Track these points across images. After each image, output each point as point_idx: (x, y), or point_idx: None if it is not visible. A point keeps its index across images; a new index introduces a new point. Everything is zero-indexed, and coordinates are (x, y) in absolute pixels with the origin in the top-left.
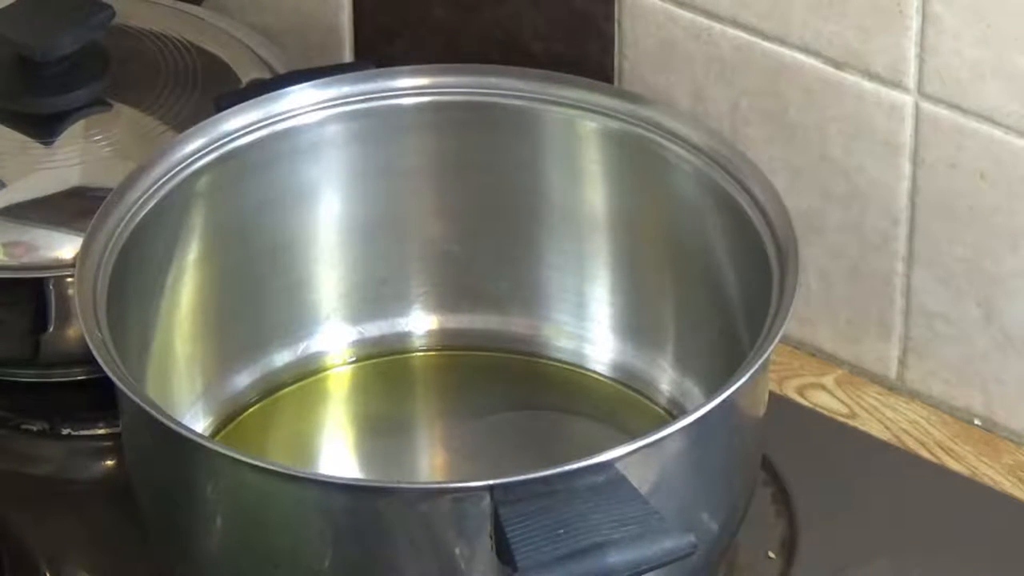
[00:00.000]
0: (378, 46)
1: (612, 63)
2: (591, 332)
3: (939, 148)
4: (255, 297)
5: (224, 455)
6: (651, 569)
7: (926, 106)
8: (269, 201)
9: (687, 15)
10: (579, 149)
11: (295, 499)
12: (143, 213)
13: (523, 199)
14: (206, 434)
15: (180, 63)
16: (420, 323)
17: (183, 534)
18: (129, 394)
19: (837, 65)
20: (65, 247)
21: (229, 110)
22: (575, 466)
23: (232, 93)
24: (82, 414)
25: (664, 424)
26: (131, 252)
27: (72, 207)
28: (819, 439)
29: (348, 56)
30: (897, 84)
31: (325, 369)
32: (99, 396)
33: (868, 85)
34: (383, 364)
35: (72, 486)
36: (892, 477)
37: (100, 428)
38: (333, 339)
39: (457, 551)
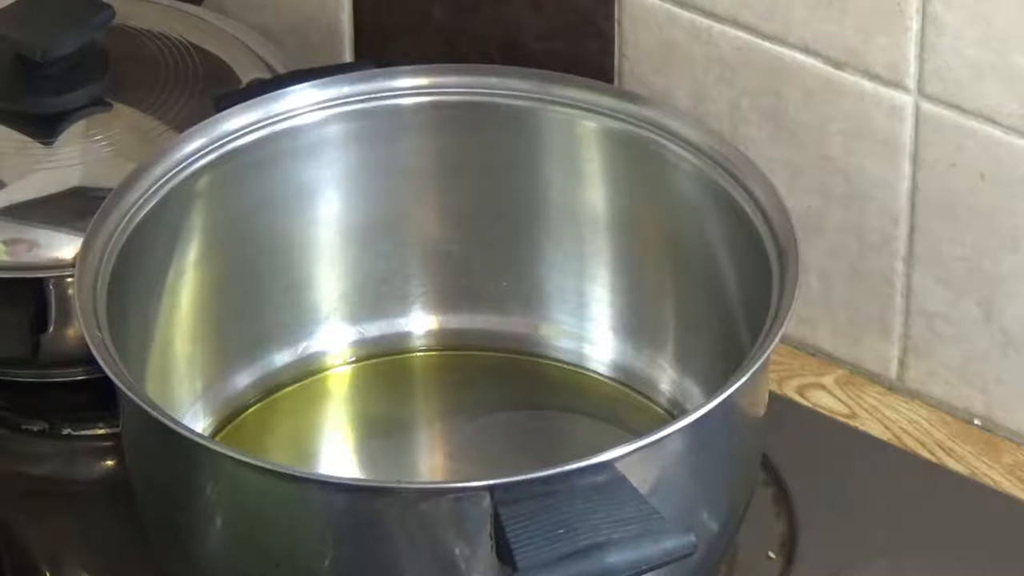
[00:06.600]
0: (378, 46)
1: (612, 63)
2: (591, 332)
3: (939, 148)
4: (255, 297)
5: (224, 455)
6: (651, 569)
7: (926, 106)
8: (269, 201)
9: (687, 15)
10: (579, 149)
11: (295, 499)
12: (143, 213)
13: (523, 199)
14: (206, 434)
15: (180, 63)
16: (420, 323)
17: (183, 534)
18: (129, 394)
19: (837, 65)
20: (65, 247)
21: (229, 110)
22: (575, 466)
23: (232, 93)
24: (82, 414)
25: (664, 424)
26: (131, 252)
27: (72, 207)
28: (819, 439)
29: (348, 56)
30: (897, 84)
31: (325, 369)
32: (99, 396)
33: (868, 85)
34: (383, 364)
35: (72, 486)
36: (892, 477)
37: (100, 428)
38: (333, 339)
39: (457, 551)
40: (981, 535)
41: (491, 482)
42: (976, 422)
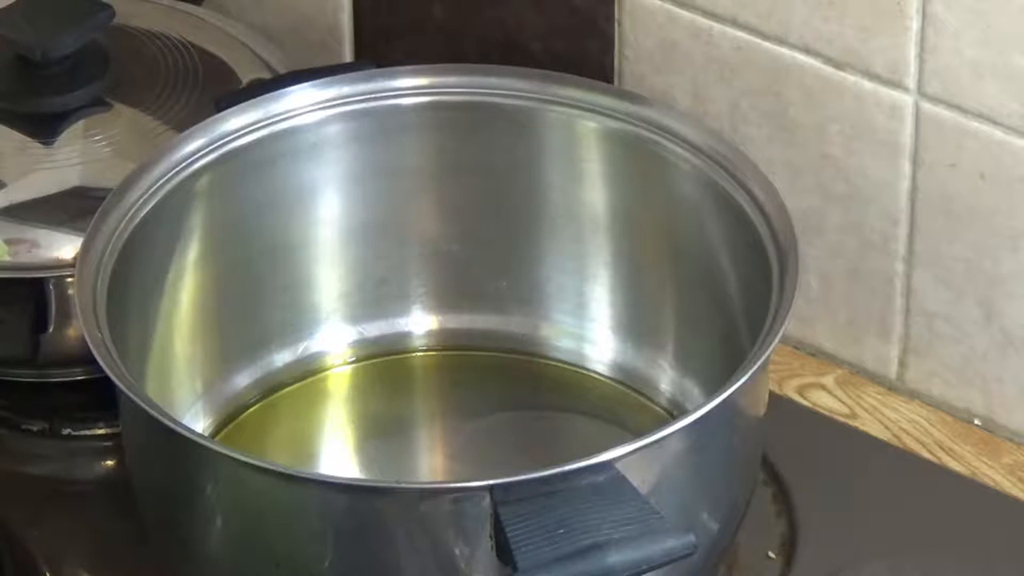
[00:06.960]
0: (378, 46)
1: (612, 63)
2: (591, 332)
3: (939, 148)
4: (255, 297)
5: (224, 455)
6: (651, 569)
7: (926, 106)
8: (269, 201)
9: (687, 15)
10: (579, 149)
11: (295, 499)
12: (143, 213)
13: (523, 199)
14: (206, 434)
15: (180, 63)
16: (420, 323)
17: (183, 534)
18: (129, 394)
19: (837, 65)
20: (65, 247)
21: (229, 110)
22: (575, 466)
23: (232, 93)
24: (82, 414)
25: (664, 424)
26: (131, 252)
27: (72, 207)
28: (819, 439)
29: (348, 56)
30: (897, 84)
31: (325, 369)
32: (99, 396)
33: (868, 85)
34: (383, 364)
35: (72, 486)
36: (892, 477)
37: (100, 428)
38: (333, 339)
39: (457, 551)
40: (981, 535)
41: (491, 482)
42: (976, 422)
